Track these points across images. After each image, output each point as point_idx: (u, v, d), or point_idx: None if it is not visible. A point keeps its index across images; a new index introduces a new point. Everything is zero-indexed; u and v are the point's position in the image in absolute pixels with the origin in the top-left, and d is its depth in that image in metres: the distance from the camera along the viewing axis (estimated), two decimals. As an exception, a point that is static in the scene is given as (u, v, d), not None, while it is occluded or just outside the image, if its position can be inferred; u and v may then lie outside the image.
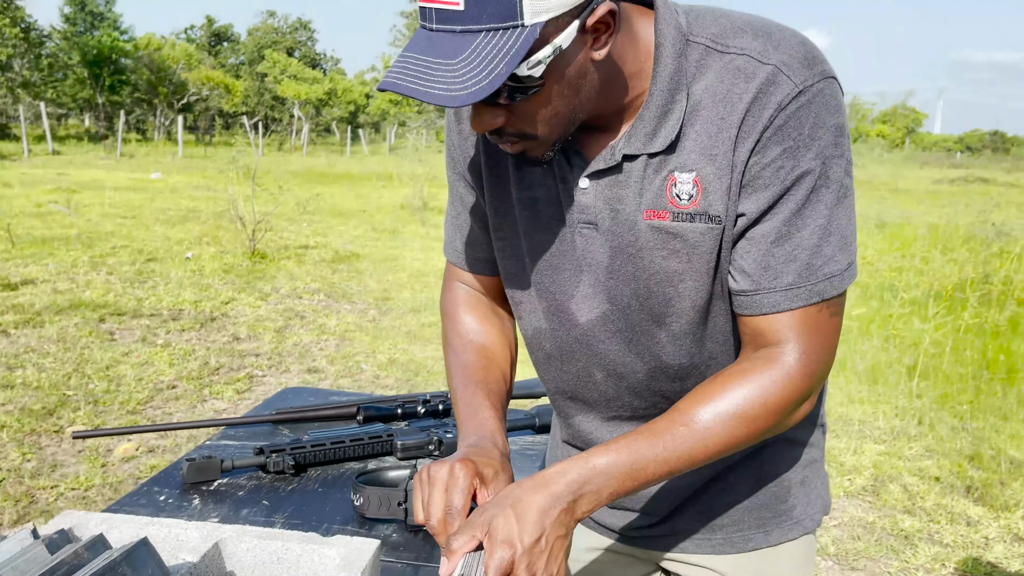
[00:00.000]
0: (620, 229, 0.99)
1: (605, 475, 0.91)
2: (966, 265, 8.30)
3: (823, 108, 0.90)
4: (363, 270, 8.68)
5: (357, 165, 29.21)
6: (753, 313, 0.96)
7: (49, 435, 3.97)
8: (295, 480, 1.63)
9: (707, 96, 0.92)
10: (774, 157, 0.90)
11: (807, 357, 0.95)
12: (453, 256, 1.24)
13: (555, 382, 1.17)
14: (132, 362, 5.13)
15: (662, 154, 0.95)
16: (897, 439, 4.38)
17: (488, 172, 1.11)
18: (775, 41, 0.91)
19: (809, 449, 1.19)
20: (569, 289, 1.07)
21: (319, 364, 5.34)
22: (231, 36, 69.58)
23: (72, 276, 7.47)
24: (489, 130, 0.92)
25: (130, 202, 13.50)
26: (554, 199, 1.03)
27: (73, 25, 48.42)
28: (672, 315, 1.01)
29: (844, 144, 0.92)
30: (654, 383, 1.09)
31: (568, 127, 0.93)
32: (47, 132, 28.96)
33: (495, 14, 0.79)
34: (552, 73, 0.86)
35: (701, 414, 0.94)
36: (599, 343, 1.08)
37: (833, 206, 0.93)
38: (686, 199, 0.94)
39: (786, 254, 0.93)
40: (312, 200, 13.31)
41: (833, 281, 0.94)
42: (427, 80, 0.81)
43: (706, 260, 0.96)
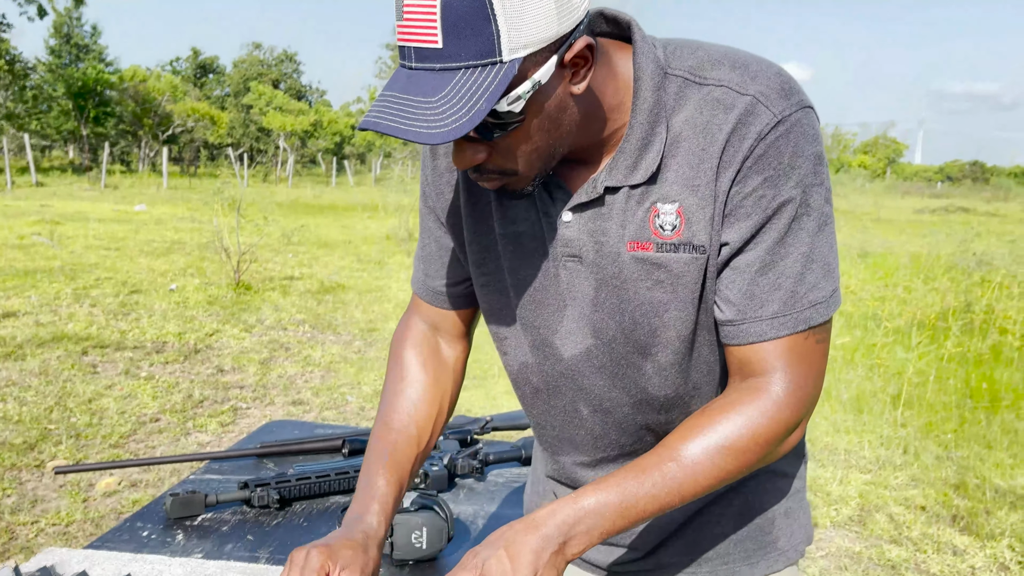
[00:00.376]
0: (604, 261, 0.99)
1: (595, 515, 0.92)
2: (948, 294, 8.36)
3: (802, 137, 0.91)
4: (348, 301, 8.67)
5: (343, 196, 29.23)
6: (740, 343, 0.97)
7: (30, 470, 3.92)
8: (280, 514, 1.62)
9: (687, 128, 0.94)
10: (755, 186, 0.91)
11: (795, 386, 0.95)
12: (418, 288, 1.25)
13: (542, 417, 1.17)
14: (115, 395, 5.09)
15: (644, 185, 0.96)
16: (883, 468, 4.39)
17: (470, 209, 1.11)
18: (752, 72, 0.93)
19: (792, 480, 1.19)
20: (553, 324, 1.07)
21: (304, 396, 5.31)
22: (217, 68, 69.84)
23: (55, 308, 7.42)
24: (470, 167, 0.92)
25: (114, 234, 13.45)
26: (537, 233, 1.04)
27: (58, 57, 48.48)
28: (658, 346, 1.02)
29: (823, 172, 0.94)
30: (640, 416, 1.09)
31: (549, 161, 0.94)
32: (31, 164, 28.87)
33: (474, 51, 0.80)
34: (532, 108, 0.86)
35: (690, 449, 0.94)
36: (583, 378, 1.08)
37: (815, 234, 0.94)
38: (669, 230, 0.95)
39: (770, 283, 0.94)
40: (297, 231, 13.30)
41: (819, 308, 0.95)
42: (407, 118, 0.81)
43: (691, 290, 0.97)
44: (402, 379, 1.21)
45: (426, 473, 1.76)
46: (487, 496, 1.77)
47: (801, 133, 0.91)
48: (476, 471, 1.86)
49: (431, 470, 1.77)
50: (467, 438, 2.01)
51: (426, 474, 1.76)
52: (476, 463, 1.86)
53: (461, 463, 1.85)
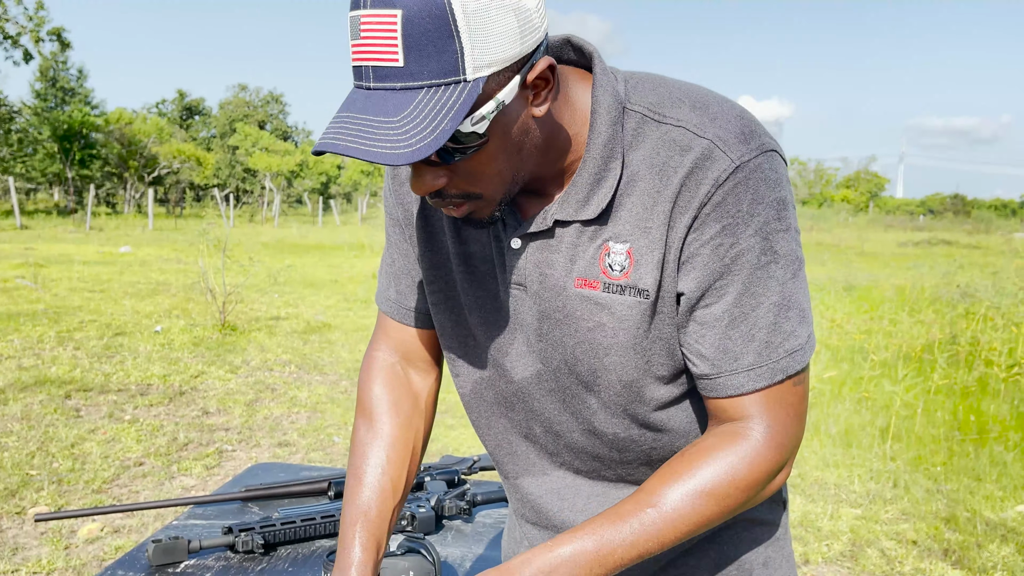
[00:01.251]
0: (548, 294, 0.97)
1: (571, 563, 0.89)
2: (933, 326, 8.41)
3: (761, 183, 0.89)
4: (335, 340, 8.63)
5: (329, 235, 29.24)
6: (718, 396, 0.95)
7: (11, 517, 3.85)
8: (264, 560, 1.59)
9: (644, 167, 0.92)
10: (713, 235, 0.89)
11: (775, 431, 0.93)
12: (385, 306, 1.21)
13: (500, 435, 1.14)
14: (98, 439, 5.02)
15: (597, 223, 0.94)
16: (873, 503, 4.37)
17: (421, 223, 1.09)
18: (712, 114, 0.91)
19: (770, 527, 1.14)
20: (504, 346, 1.05)
21: (290, 437, 5.26)
22: (203, 110, 70.15)
23: (38, 352, 7.34)
24: (431, 192, 0.89)
25: (99, 276, 13.38)
26: (488, 256, 1.03)
27: (44, 100, 48.61)
28: (600, 385, 1.00)
29: (788, 217, 0.91)
30: (591, 447, 1.06)
31: (512, 186, 0.92)
32: (15, 207, 28.77)
33: (437, 70, 0.78)
34: (495, 129, 0.84)
35: (669, 494, 0.91)
36: (534, 400, 1.06)
37: (786, 281, 0.91)
38: (618, 270, 0.93)
39: (743, 335, 0.91)
40: (283, 271, 13.27)
41: (796, 356, 0.93)
42: (367, 139, 0.78)
43: (632, 335, 0.95)
44: (371, 427, 1.17)
45: (413, 515, 1.74)
46: (475, 538, 1.75)
47: (761, 179, 0.89)
48: (464, 512, 1.84)
49: (418, 512, 1.75)
50: (455, 479, 1.99)
51: (413, 516, 1.74)
52: (464, 504, 1.84)
53: (449, 504, 1.83)
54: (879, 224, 48.93)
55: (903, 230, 44.03)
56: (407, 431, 1.18)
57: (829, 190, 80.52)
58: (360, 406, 1.20)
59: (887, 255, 23.17)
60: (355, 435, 1.18)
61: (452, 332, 1.12)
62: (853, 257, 19.31)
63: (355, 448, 1.17)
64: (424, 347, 1.21)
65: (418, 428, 1.20)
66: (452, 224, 1.05)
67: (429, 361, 1.22)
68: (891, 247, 28.12)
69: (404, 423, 1.18)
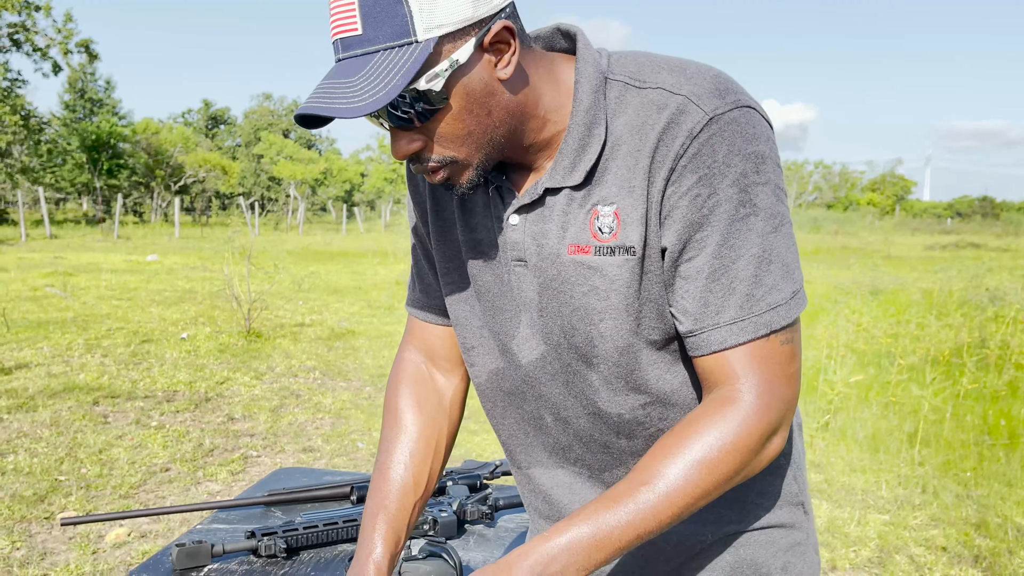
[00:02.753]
0: (545, 264, 1.00)
1: (569, 551, 0.89)
2: (962, 330, 8.30)
3: (737, 135, 0.90)
4: (359, 347, 8.66)
5: (353, 243, 29.40)
6: (703, 353, 0.95)
7: (40, 522, 3.90)
8: (287, 564, 1.60)
9: (626, 131, 0.94)
10: (690, 186, 0.90)
11: (762, 389, 0.92)
12: (413, 305, 1.25)
13: (514, 426, 1.16)
14: (125, 445, 5.07)
15: (585, 188, 0.96)
16: (901, 508, 4.31)
17: (434, 217, 1.13)
18: (688, 75, 0.93)
19: (790, 531, 1.12)
20: (511, 330, 1.07)
21: (314, 443, 5.28)
22: (228, 119, 70.81)
23: (67, 359, 7.43)
24: (408, 155, 0.94)
25: (126, 284, 13.53)
26: (492, 239, 1.05)
27: (72, 112, 49.30)
28: (598, 356, 1.01)
29: (769, 171, 0.91)
30: (598, 433, 1.07)
31: (489, 150, 0.95)
32: (45, 217, 29.19)
33: (389, 33, 0.85)
34: (456, 89, 0.89)
35: (661, 469, 0.91)
36: (541, 385, 1.08)
37: (767, 234, 0.91)
38: (607, 232, 0.95)
39: (723, 288, 0.92)
40: (308, 278, 13.36)
41: (779, 311, 0.92)
42: (329, 99, 0.85)
43: (623, 296, 0.96)
44: (396, 424, 1.21)
45: (435, 519, 1.74)
46: (497, 542, 1.74)
47: (737, 131, 0.90)
48: (486, 517, 1.83)
49: (440, 516, 1.75)
50: (477, 483, 1.98)
51: (435, 520, 1.74)
52: (486, 508, 1.84)
53: (470, 509, 1.82)
54: (905, 228, 48.47)
55: (930, 233, 43.59)
56: (430, 428, 1.20)
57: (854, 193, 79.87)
58: (386, 406, 1.24)
59: (914, 259, 22.93)
60: (382, 433, 1.22)
61: (466, 323, 1.14)
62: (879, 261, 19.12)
63: (380, 445, 1.21)
64: (448, 346, 1.23)
65: (441, 426, 1.22)
66: (461, 214, 1.08)
67: (454, 360, 1.24)
68: (918, 250, 27.83)
69: (427, 421, 1.20)
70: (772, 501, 1.11)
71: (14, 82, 34.05)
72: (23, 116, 33.52)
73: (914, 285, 13.32)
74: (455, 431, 1.25)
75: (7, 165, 33.38)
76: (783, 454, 1.12)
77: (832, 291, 11.27)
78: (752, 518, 1.09)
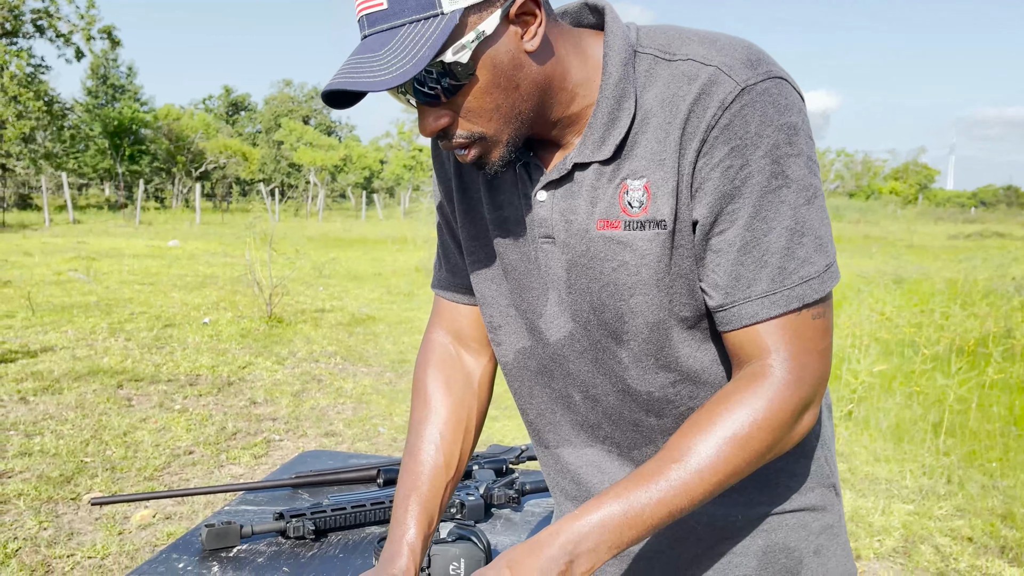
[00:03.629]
0: (573, 240, 0.98)
1: (601, 529, 0.88)
2: (987, 319, 8.21)
3: (770, 106, 0.88)
4: (379, 333, 8.68)
5: (372, 229, 29.46)
6: (733, 327, 0.93)
7: (66, 503, 3.94)
8: (315, 545, 1.60)
9: (656, 104, 0.93)
10: (721, 157, 0.89)
11: (796, 365, 0.91)
12: (437, 287, 1.25)
13: (541, 405, 1.15)
14: (149, 428, 5.11)
15: (614, 163, 0.95)
16: (926, 498, 4.28)
17: (460, 195, 1.12)
18: (719, 46, 0.92)
19: (822, 514, 1.11)
20: (538, 308, 1.06)
21: (336, 428, 5.30)
22: (248, 105, 71.04)
23: (91, 343, 7.50)
24: (436, 131, 0.93)
25: (148, 269, 13.63)
26: (519, 217, 1.04)
27: (95, 98, 49.61)
28: (628, 333, 0.99)
29: (801, 143, 0.90)
30: (627, 411, 1.06)
31: (518, 126, 0.93)
32: (68, 202, 29.45)
33: (414, 6, 0.84)
34: (481, 61, 0.87)
35: (691, 446, 0.90)
36: (569, 363, 1.06)
37: (799, 206, 0.90)
38: (637, 206, 0.94)
39: (755, 260, 0.90)
40: (328, 264, 13.41)
41: (812, 284, 0.90)
42: (355, 74, 0.85)
43: (653, 271, 0.94)
44: (425, 406, 1.20)
45: (463, 503, 1.74)
46: (524, 526, 1.74)
47: (769, 102, 0.89)
48: (513, 501, 1.83)
49: (467, 500, 1.74)
50: (503, 468, 1.98)
51: (463, 504, 1.74)
52: (513, 493, 1.83)
53: (497, 493, 1.82)
54: (929, 217, 48.01)
55: (954, 222, 43.16)
56: (459, 409, 1.20)
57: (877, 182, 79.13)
58: (415, 387, 1.23)
59: (937, 248, 22.71)
60: (411, 415, 1.21)
61: (493, 301, 1.13)
62: (902, 250, 18.93)
63: (410, 427, 1.20)
64: (475, 326, 1.22)
65: (471, 407, 1.21)
66: (488, 192, 1.07)
67: (481, 341, 1.23)
68: (941, 240, 27.56)
69: (456, 402, 1.20)
70: (803, 483, 1.09)
71: (37, 68, 34.29)
72: (46, 102, 33.75)
73: (938, 274, 13.18)
74: (484, 411, 1.24)
75: (31, 151, 33.63)
76: (813, 434, 1.10)
77: (855, 280, 11.17)
78: (783, 500, 1.08)
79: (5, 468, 4.31)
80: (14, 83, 31.66)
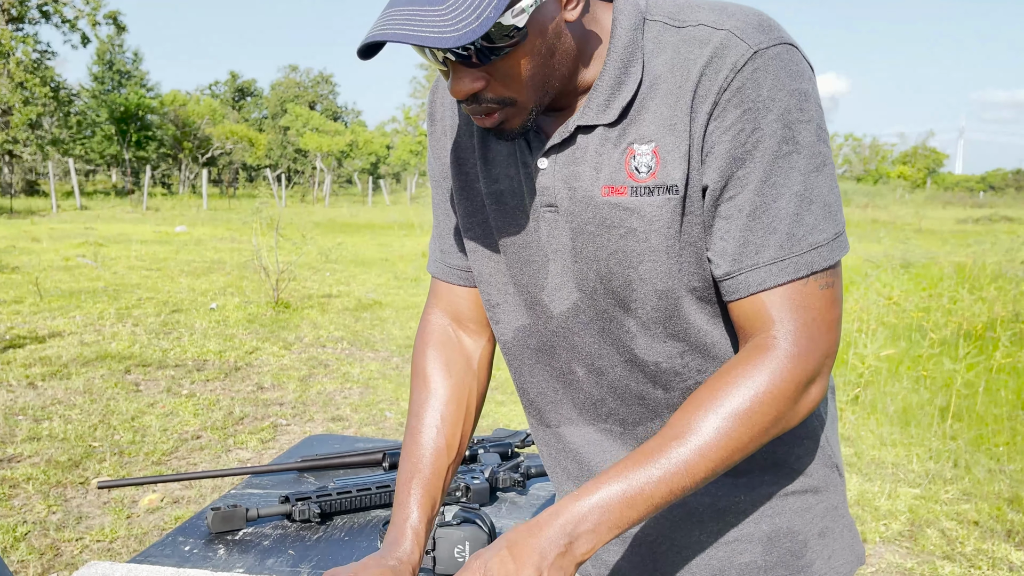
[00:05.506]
0: (578, 208, 0.97)
1: (600, 510, 0.87)
2: (996, 304, 8.18)
3: (781, 70, 0.88)
4: (386, 318, 8.70)
5: (379, 215, 29.46)
6: (739, 296, 0.92)
7: (75, 487, 3.96)
8: (321, 528, 1.61)
9: (665, 69, 0.92)
10: (733, 120, 0.88)
11: (802, 336, 0.89)
12: (433, 267, 1.24)
13: (542, 383, 1.13)
14: (157, 413, 5.14)
15: (620, 127, 0.94)
16: (932, 482, 4.28)
17: (456, 171, 1.11)
18: (730, 12, 0.91)
19: (825, 495, 1.10)
20: (540, 281, 1.05)
21: (343, 412, 5.32)
22: (254, 91, 70.92)
23: (98, 328, 7.53)
24: (470, 94, 0.90)
25: (155, 255, 13.66)
26: (517, 188, 1.03)
27: (101, 84, 49.58)
28: (636, 301, 0.98)
29: (811, 111, 0.89)
30: (633, 383, 1.04)
31: (544, 94, 0.92)
32: (75, 188, 29.49)
33: None
34: (533, 27, 0.86)
35: (692, 423, 0.88)
36: (574, 335, 1.05)
37: (809, 173, 0.89)
38: (645, 171, 0.92)
39: (764, 226, 0.89)
40: (335, 249, 13.41)
41: (821, 251, 0.89)
42: (415, 26, 0.81)
43: (663, 238, 0.93)
44: (425, 388, 1.19)
45: (468, 487, 1.74)
46: (529, 509, 1.74)
47: (781, 67, 0.88)
48: (517, 484, 1.83)
49: (472, 483, 1.75)
50: (508, 451, 1.98)
51: (468, 487, 1.74)
52: (518, 476, 1.83)
53: (503, 476, 1.82)
54: (937, 201, 47.75)
55: (962, 207, 42.91)
56: (460, 391, 1.19)
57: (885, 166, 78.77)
58: (414, 370, 1.22)
59: (945, 232, 22.61)
60: (411, 397, 1.21)
61: (490, 279, 1.12)
62: (910, 234, 18.85)
63: (410, 409, 1.20)
64: (473, 307, 1.21)
65: (471, 388, 1.20)
66: (483, 166, 1.06)
67: (480, 322, 1.22)
68: (949, 224, 27.44)
69: (457, 383, 1.19)
70: (806, 463, 1.08)
71: (44, 53, 34.29)
72: (53, 88, 33.78)
73: (946, 259, 13.13)
74: (484, 393, 1.24)
75: (38, 136, 33.66)
76: (816, 414, 1.09)
77: (863, 264, 11.14)
78: (786, 480, 1.07)
79: (14, 453, 4.34)
80: (20, 69, 31.68)
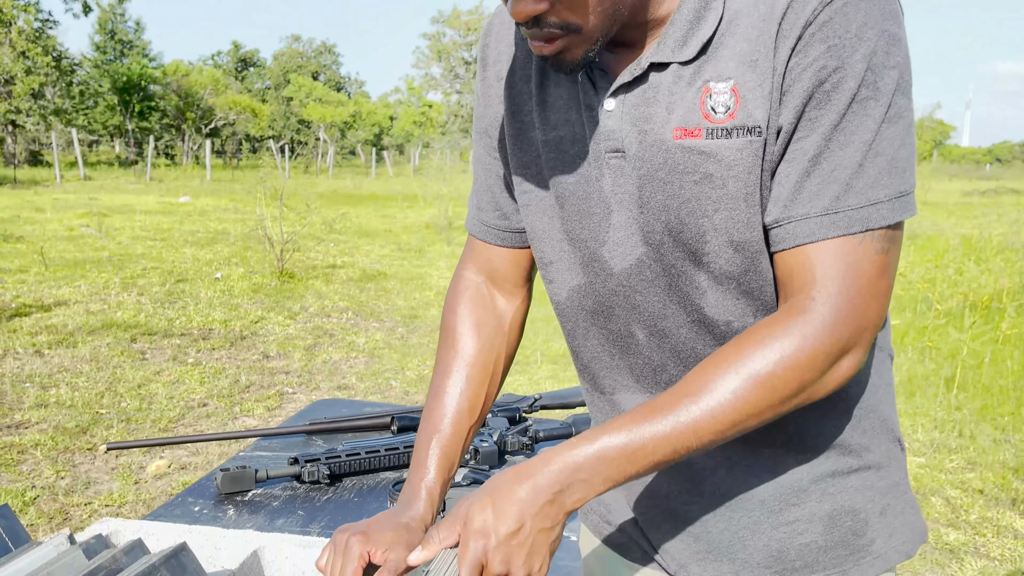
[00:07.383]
0: (648, 153, 0.89)
1: (597, 460, 0.82)
2: (1002, 275, 8.16)
3: (874, 7, 0.80)
4: (390, 289, 8.70)
5: (382, 186, 29.39)
6: (785, 246, 0.84)
7: (83, 453, 3.98)
8: (330, 490, 1.61)
9: (748, 4, 0.85)
10: (816, 56, 0.81)
11: (840, 301, 0.82)
12: (470, 225, 1.18)
13: (597, 348, 1.07)
14: (163, 381, 5.15)
15: (695, 64, 0.87)
16: (937, 452, 4.29)
17: (510, 119, 1.04)
18: None
19: (887, 471, 1.03)
20: (600, 235, 0.98)
21: (349, 381, 5.33)
22: (257, 61, 70.50)
23: (104, 297, 7.54)
24: (532, 16, 0.83)
25: (159, 225, 13.65)
26: (579, 135, 0.96)
27: (103, 53, 49.30)
28: (709, 253, 0.90)
29: (899, 57, 0.82)
30: (699, 345, 0.97)
31: (612, 22, 0.85)
32: (79, 158, 29.45)
33: None
34: None
35: (709, 382, 0.82)
36: (636, 294, 0.98)
37: (882, 122, 0.82)
38: (723, 112, 0.85)
39: (824, 174, 0.82)
40: (339, 220, 13.39)
41: (880, 208, 0.82)
42: None
43: (743, 183, 0.85)
44: (452, 348, 1.15)
45: (477, 449, 1.74)
46: (538, 473, 1.74)
47: (874, 4, 0.81)
48: (526, 448, 1.83)
49: (481, 446, 1.75)
50: (516, 416, 1.98)
51: (476, 450, 1.74)
52: (526, 440, 1.84)
53: (511, 440, 1.82)
54: (943, 173, 47.52)
55: (968, 179, 42.69)
56: (488, 352, 1.15)
57: (892, 138, 78.15)
58: (443, 326, 1.17)
59: (951, 204, 22.52)
60: (437, 355, 1.17)
61: (544, 235, 1.05)
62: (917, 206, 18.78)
63: (436, 367, 1.16)
64: (510, 267, 1.16)
65: (500, 350, 1.16)
66: (541, 112, 1.00)
67: (515, 283, 1.18)
68: (956, 196, 27.32)
69: (485, 344, 1.15)
70: (870, 438, 1.02)
71: (45, 23, 34.07)
72: (55, 57, 33.61)
73: (952, 231, 13.09)
74: (512, 355, 1.19)
75: (40, 107, 33.54)
76: (885, 383, 1.03)
77: (868, 236, 11.10)
78: (850, 457, 1.00)
79: (22, 419, 4.36)
80: (22, 38, 31.51)
